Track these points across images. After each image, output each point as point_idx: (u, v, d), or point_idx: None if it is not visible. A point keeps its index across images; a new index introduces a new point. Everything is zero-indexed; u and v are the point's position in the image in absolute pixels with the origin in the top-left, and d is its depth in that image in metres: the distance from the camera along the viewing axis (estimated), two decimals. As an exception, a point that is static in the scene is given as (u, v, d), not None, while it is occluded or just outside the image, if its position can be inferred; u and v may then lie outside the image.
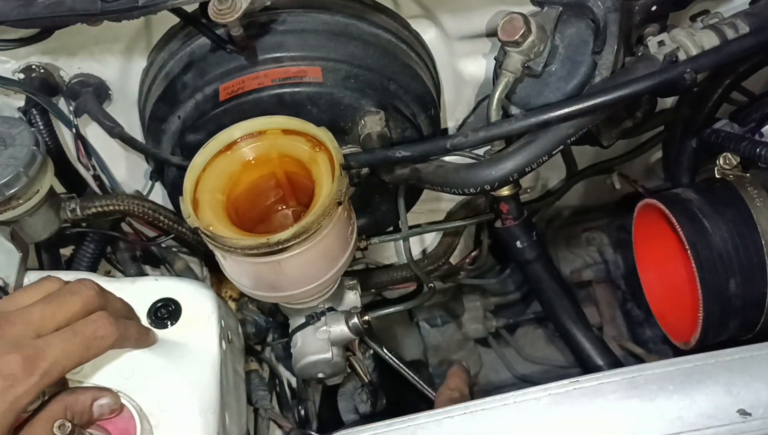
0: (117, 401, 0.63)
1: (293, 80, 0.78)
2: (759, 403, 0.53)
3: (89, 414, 0.61)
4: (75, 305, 0.61)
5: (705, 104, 0.89)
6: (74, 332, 0.60)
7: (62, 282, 0.64)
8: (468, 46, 0.89)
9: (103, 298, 0.64)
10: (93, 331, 0.60)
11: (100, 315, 0.62)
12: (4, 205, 0.74)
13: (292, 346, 0.86)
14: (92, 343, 0.60)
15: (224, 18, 0.70)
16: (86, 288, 0.63)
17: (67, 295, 0.61)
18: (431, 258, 1.07)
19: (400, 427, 0.57)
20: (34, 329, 0.59)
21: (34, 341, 0.58)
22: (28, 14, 0.72)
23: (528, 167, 0.75)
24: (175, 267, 1.01)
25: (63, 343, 0.59)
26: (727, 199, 0.76)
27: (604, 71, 0.76)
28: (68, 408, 0.59)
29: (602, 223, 1.22)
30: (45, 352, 0.57)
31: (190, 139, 0.81)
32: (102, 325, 0.61)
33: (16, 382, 0.56)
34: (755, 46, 0.73)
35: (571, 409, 0.55)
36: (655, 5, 0.78)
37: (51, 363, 0.57)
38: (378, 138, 0.79)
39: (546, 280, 0.84)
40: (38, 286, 0.63)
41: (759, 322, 0.76)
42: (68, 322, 0.60)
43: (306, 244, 0.68)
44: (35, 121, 0.85)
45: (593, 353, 0.81)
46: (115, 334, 0.62)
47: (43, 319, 0.59)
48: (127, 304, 0.69)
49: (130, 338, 0.65)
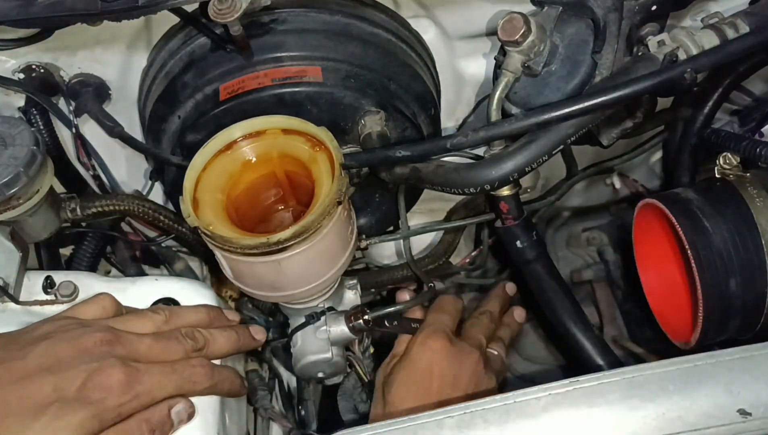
0: (191, 404, 0.65)
1: (293, 80, 0.78)
2: (759, 403, 0.53)
3: (170, 423, 0.63)
4: (178, 353, 0.66)
5: (705, 104, 0.89)
6: (173, 370, 0.64)
7: (166, 315, 0.69)
8: (468, 46, 0.89)
9: (204, 341, 0.68)
10: (189, 374, 0.65)
11: (200, 362, 0.67)
12: (4, 205, 0.74)
13: (292, 346, 0.86)
14: (185, 384, 0.64)
15: (224, 18, 0.70)
16: (190, 338, 0.67)
17: (174, 341, 0.66)
18: (431, 257, 1.06)
19: (400, 427, 0.57)
20: (138, 357, 0.63)
21: (136, 364, 0.61)
22: (28, 14, 0.72)
23: (528, 167, 0.75)
24: (175, 267, 1.01)
25: (160, 376, 0.62)
26: (728, 199, 0.76)
27: (604, 71, 0.76)
28: (147, 421, 0.61)
29: (602, 223, 1.21)
30: (143, 377, 0.61)
31: (190, 139, 0.81)
32: (198, 372, 0.66)
33: (111, 395, 0.59)
34: (755, 45, 0.72)
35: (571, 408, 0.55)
36: (655, 5, 0.78)
37: (145, 389, 0.61)
38: (378, 138, 0.79)
39: (546, 280, 0.84)
40: (149, 317, 0.68)
41: (759, 322, 0.76)
42: (169, 362, 0.65)
43: (306, 244, 0.68)
44: (35, 120, 0.85)
45: (593, 353, 0.81)
46: (208, 382, 0.66)
47: (148, 353, 0.64)
48: (232, 343, 0.72)
49: (223, 389, 0.68)
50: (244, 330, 0.75)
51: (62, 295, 0.73)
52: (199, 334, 0.68)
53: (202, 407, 0.66)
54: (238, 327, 0.75)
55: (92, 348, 0.61)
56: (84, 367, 0.59)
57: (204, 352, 0.68)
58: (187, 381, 0.64)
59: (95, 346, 0.61)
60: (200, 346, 0.68)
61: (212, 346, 0.69)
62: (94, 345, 0.61)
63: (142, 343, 0.64)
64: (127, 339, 0.64)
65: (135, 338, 0.64)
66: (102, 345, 0.62)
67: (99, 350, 0.61)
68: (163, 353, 0.65)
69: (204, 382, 0.66)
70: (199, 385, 0.66)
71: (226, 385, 0.69)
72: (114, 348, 0.62)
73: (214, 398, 0.68)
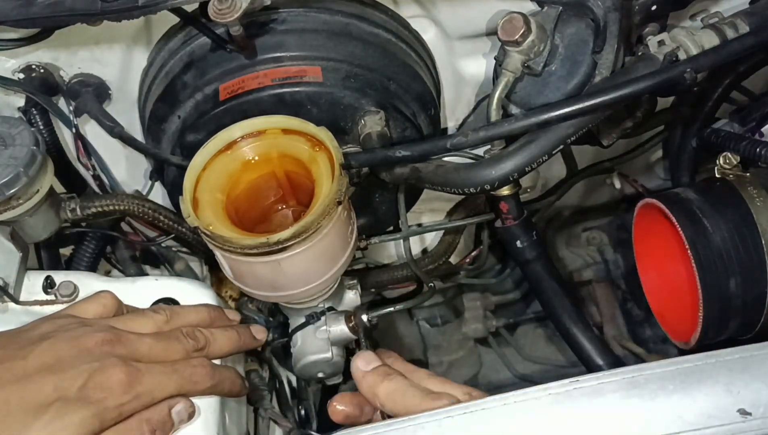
0: (191, 404, 0.65)
1: (293, 80, 0.78)
2: (759, 403, 0.52)
3: (170, 423, 0.63)
4: (179, 353, 0.66)
5: (705, 104, 0.89)
6: (173, 370, 0.64)
7: (167, 315, 0.69)
8: (468, 46, 0.89)
9: (205, 341, 0.68)
10: (190, 374, 0.64)
11: (201, 362, 0.66)
12: (3, 205, 0.74)
13: (292, 346, 0.86)
14: (186, 385, 0.64)
15: (224, 18, 0.70)
16: (191, 338, 0.67)
17: (175, 341, 0.66)
18: (431, 257, 1.07)
19: (400, 427, 0.57)
20: (139, 357, 0.63)
21: (137, 364, 0.61)
22: (28, 14, 0.72)
23: (528, 167, 0.75)
24: (175, 267, 1.01)
25: (161, 376, 0.62)
26: (727, 199, 0.76)
27: (604, 71, 0.76)
28: (147, 421, 0.61)
29: (602, 223, 1.22)
30: (144, 377, 0.61)
31: (190, 139, 0.81)
32: (199, 372, 0.65)
33: (112, 395, 0.59)
34: (755, 45, 0.72)
35: (571, 408, 0.55)
36: (655, 5, 0.78)
37: (146, 389, 0.61)
38: (378, 138, 0.79)
39: (546, 279, 0.84)
40: (150, 316, 0.68)
41: (759, 321, 0.76)
42: (169, 362, 0.64)
43: (306, 244, 0.68)
44: (35, 120, 0.85)
45: (593, 353, 0.81)
46: (209, 382, 0.66)
47: (149, 352, 0.64)
48: (233, 343, 0.72)
49: (224, 389, 0.68)
50: (245, 330, 0.75)
51: (62, 295, 0.73)
52: (200, 334, 0.68)
53: (202, 407, 0.66)
54: (239, 327, 0.75)
55: (93, 348, 0.61)
56: (85, 367, 0.59)
57: (205, 352, 0.68)
58: (188, 381, 0.64)
59: (96, 345, 0.61)
60: (201, 345, 0.68)
61: (213, 346, 0.69)
62: (95, 345, 0.61)
63: (143, 343, 0.64)
64: (128, 339, 0.64)
65: (136, 338, 0.64)
66: (103, 345, 0.62)
67: (100, 350, 0.61)
68: (164, 353, 0.65)
69: (205, 382, 0.66)
70: (200, 385, 0.65)
71: (227, 385, 0.69)
72: (115, 348, 0.62)
73: (214, 398, 0.68)
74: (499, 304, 1.22)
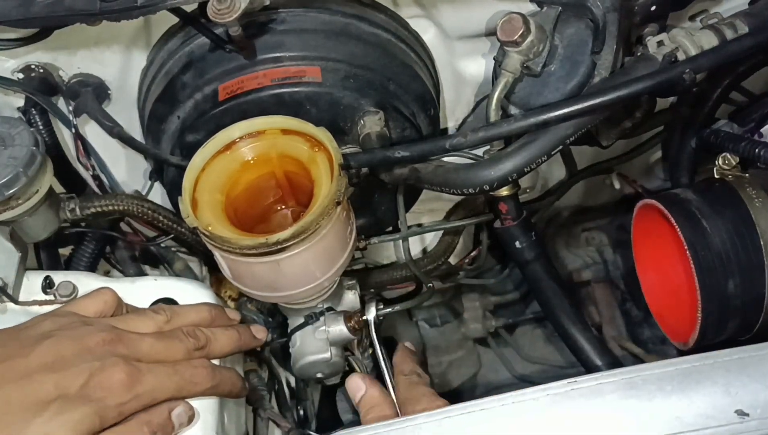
0: (191, 407, 0.65)
1: (292, 80, 0.78)
2: (757, 404, 0.53)
3: (170, 425, 0.63)
4: (180, 352, 0.66)
5: (704, 104, 0.89)
6: (174, 371, 0.64)
7: (168, 314, 0.69)
8: (468, 46, 0.89)
9: (206, 340, 0.68)
10: (190, 375, 0.65)
11: (202, 363, 0.67)
12: (3, 205, 0.74)
13: (291, 346, 0.86)
14: (186, 385, 0.64)
15: (223, 18, 0.70)
16: (192, 337, 0.67)
17: (176, 340, 0.66)
18: (430, 258, 1.07)
19: (400, 427, 0.57)
20: (140, 357, 0.63)
21: (138, 364, 0.61)
22: (28, 14, 0.72)
23: (527, 167, 0.75)
24: (174, 267, 1.01)
25: (161, 376, 0.62)
26: (726, 200, 0.76)
27: (604, 71, 0.76)
28: (147, 423, 0.61)
29: (602, 223, 1.22)
30: (145, 377, 0.61)
31: (189, 139, 0.81)
32: (199, 373, 0.65)
33: (112, 394, 0.59)
34: (754, 46, 0.72)
35: (569, 409, 0.55)
36: (654, 5, 0.78)
37: (146, 389, 0.61)
38: (377, 138, 0.79)
39: (545, 280, 0.84)
40: (151, 316, 0.68)
41: (757, 322, 0.76)
42: (170, 362, 0.65)
43: (305, 244, 0.68)
44: (35, 120, 0.85)
45: (592, 353, 0.81)
46: (209, 383, 0.66)
47: (150, 352, 0.64)
48: (233, 342, 0.72)
49: (224, 390, 0.69)
50: (245, 329, 0.75)
51: (61, 295, 0.73)
52: (201, 333, 0.68)
53: (200, 408, 0.66)
54: (239, 326, 0.75)
55: (95, 347, 0.61)
56: (86, 366, 0.59)
57: (206, 351, 0.68)
58: (189, 382, 0.64)
59: (98, 345, 0.62)
60: (202, 344, 0.68)
61: (214, 345, 0.69)
62: (96, 344, 0.62)
63: (144, 343, 0.64)
64: (129, 338, 0.64)
65: (137, 338, 0.64)
66: (104, 344, 0.62)
67: (101, 349, 0.61)
68: (165, 353, 0.65)
69: (205, 383, 0.66)
70: (201, 386, 0.66)
71: (227, 386, 0.69)
72: (116, 347, 0.62)
73: (213, 398, 0.68)
74: (498, 305, 1.22)
